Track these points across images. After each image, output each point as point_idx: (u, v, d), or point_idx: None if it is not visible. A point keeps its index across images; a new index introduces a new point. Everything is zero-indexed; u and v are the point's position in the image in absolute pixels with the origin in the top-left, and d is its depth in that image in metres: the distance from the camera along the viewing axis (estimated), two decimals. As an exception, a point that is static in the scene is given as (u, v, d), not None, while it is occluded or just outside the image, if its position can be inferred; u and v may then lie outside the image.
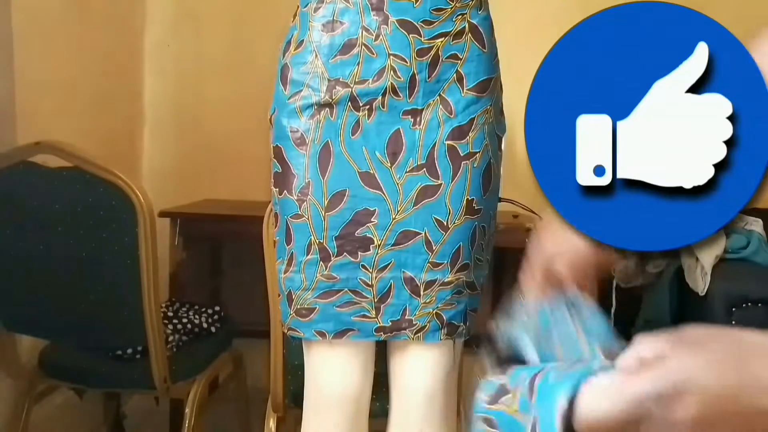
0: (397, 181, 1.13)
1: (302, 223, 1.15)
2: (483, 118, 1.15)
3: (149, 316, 1.58)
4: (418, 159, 1.13)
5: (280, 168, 1.16)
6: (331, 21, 1.13)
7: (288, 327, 1.19)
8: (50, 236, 1.56)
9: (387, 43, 1.11)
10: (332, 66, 1.13)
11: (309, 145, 1.14)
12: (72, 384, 1.83)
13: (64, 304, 1.62)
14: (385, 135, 1.13)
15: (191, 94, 2.70)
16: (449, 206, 1.13)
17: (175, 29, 2.69)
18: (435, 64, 1.13)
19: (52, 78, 2.04)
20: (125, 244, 1.53)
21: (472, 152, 1.14)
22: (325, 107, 1.13)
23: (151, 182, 2.58)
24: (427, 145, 1.13)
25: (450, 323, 1.16)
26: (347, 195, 1.13)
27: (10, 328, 1.72)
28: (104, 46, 2.37)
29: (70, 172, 1.53)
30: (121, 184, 1.51)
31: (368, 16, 1.12)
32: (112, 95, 2.46)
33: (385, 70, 1.12)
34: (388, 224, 1.13)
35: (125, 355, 1.72)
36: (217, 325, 2.00)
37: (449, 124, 1.13)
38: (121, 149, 2.54)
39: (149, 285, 1.56)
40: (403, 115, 1.13)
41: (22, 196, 1.57)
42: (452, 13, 1.13)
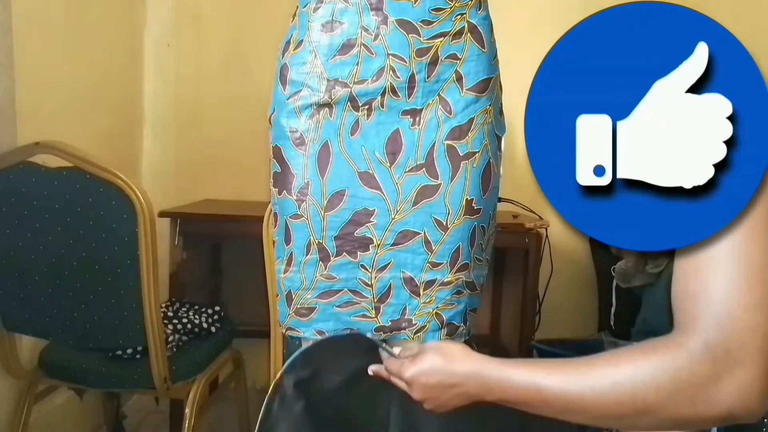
0: (396, 181, 1.13)
1: (301, 223, 1.14)
2: (482, 117, 1.15)
3: (149, 316, 1.58)
4: (418, 159, 1.13)
5: (280, 168, 1.16)
6: (330, 21, 1.13)
7: (287, 327, 1.19)
8: (50, 236, 1.56)
9: (386, 42, 1.11)
10: (331, 66, 1.13)
11: (308, 145, 1.14)
12: (72, 384, 1.83)
13: (64, 304, 1.62)
14: (384, 135, 1.13)
15: (191, 94, 2.70)
16: (449, 206, 1.13)
17: (175, 29, 2.69)
18: (434, 63, 1.12)
19: (52, 78, 2.04)
20: (125, 244, 1.53)
21: (472, 152, 1.14)
22: (324, 107, 1.13)
23: (151, 182, 2.59)
24: (426, 145, 1.13)
25: (450, 323, 1.16)
26: (346, 195, 1.13)
27: (10, 328, 1.72)
28: (104, 46, 2.37)
29: (70, 172, 1.53)
30: (121, 184, 1.50)
31: (367, 15, 1.12)
32: (112, 95, 2.46)
33: (384, 69, 1.11)
34: (388, 224, 1.13)
35: (125, 355, 1.72)
36: (217, 325, 2.00)
37: (448, 123, 1.13)
38: (120, 149, 2.54)
39: (149, 285, 1.56)
40: (403, 114, 1.13)
41: (22, 196, 1.57)
42: (451, 12, 1.13)
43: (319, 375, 0.93)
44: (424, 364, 0.89)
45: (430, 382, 0.87)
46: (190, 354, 1.83)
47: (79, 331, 1.65)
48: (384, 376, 0.94)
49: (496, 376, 0.82)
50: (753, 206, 0.58)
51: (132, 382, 1.73)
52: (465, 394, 0.86)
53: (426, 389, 0.88)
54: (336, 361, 0.94)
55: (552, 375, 0.75)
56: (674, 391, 0.63)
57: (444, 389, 0.87)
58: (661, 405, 0.64)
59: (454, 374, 0.86)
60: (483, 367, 0.85)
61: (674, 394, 0.63)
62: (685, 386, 0.62)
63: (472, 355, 0.87)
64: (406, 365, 0.91)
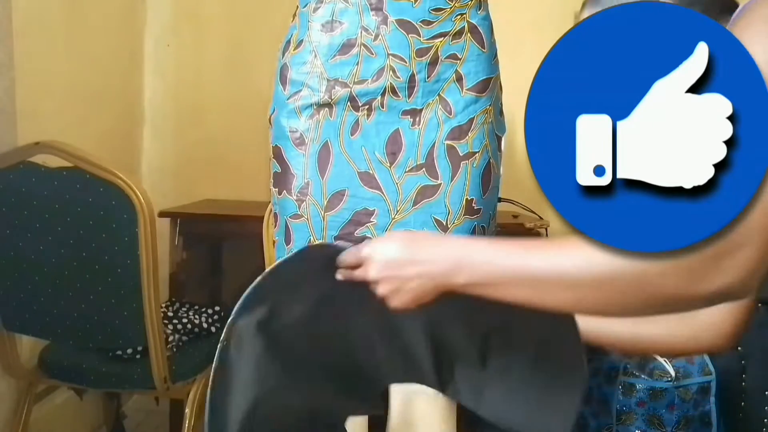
0: (396, 181, 1.13)
1: (301, 223, 1.14)
2: (482, 117, 1.15)
3: (149, 316, 1.58)
4: (418, 159, 1.13)
5: (280, 168, 1.16)
6: (330, 21, 1.13)
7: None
8: (50, 236, 1.56)
9: (386, 43, 1.11)
10: (331, 66, 1.13)
11: (308, 145, 1.14)
12: (72, 384, 1.83)
13: (64, 304, 1.62)
14: (384, 135, 1.13)
15: (191, 94, 2.70)
16: (448, 206, 1.13)
17: (175, 29, 2.69)
18: (434, 63, 1.12)
19: (52, 78, 2.04)
20: (125, 244, 1.53)
21: (472, 152, 1.14)
22: (324, 107, 1.13)
23: (151, 182, 2.58)
24: (426, 145, 1.13)
25: (450, 323, 1.16)
26: (346, 195, 1.13)
27: (10, 328, 1.72)
28: (104, 46, 2.37)
29: (70, 172, 1.53)
30: (121, 184, 1.50)
31: (367, 16, 1.12)
32: (112, 95, 2.46)
33: (384, 69, 1.11)
34: (388, 224, 1.13)
35: (125, 355, 1.72)
36: (217, 325, 2.00)
37: (448, 123, 1.13)
38: (120, 149, 2.54)
39: (149, 285, 1.56)
40: (403, 114, 1.13)
41: (22, 196, 1.57)
42: (451, 13, 1.13)
43: (277, 309, 0.83)
44: (385, 240, 0.80)
45: (388, 256, 0.77)
46: (190, 354, 1.83)
47: (79, 331, 1.65)
48: (351, 276, 0.82)
49: (468, 251, 0.71)
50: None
51: (132, 382, 1.72)
52: (428, 275, 0.74)
53: (383, 265, 0.77)
54: (294, 290, 0.84)
55: (536, 250, 0.68)
56: (674, 266, 0.62)
57: (404, 265, 0.75)
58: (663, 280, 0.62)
59: (416, 249, 0.75)
60: (451, 241, 0.77)
61: (674, 268, 0.62)
62: (684, 262, 0.61)
63: (438, 235, 0.80)
64: (363, 245, 0.81)
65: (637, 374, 1.62)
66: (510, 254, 0.70)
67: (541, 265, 0.68)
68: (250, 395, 0.82)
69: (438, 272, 0.73)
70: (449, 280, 0.73)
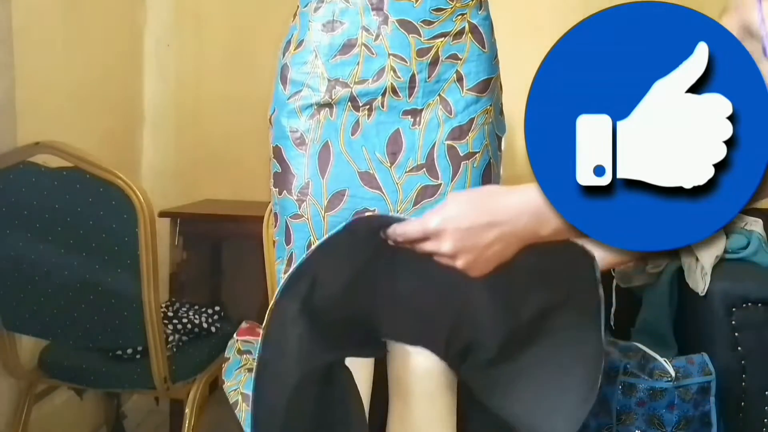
0: (396, 181, 1.13)
1: (302, 223, 1.14)
2: (483, 118, 1.15)
3: (149, 316, 1.58)
4: (418, 159, 1.13)
5: (280, 168, 1.16)
6: (331, 21, 1.13)
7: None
8: (50, 236, 1.56)
9: (387, 43, 1.11)
10: (332, 66, 1.13)
11: (309, 145, 1.14)
12: (72, 384, 1.83)
13: (64, 304, 1.62)
14: (384, 135, 1.13)
15: (191, 94, 2.70)
16: (449, 206, 1.13)
17: (175, 29, 2.69)
18: (435, 64, 1.13)
19: (52, 78, 2.04)
20: (125, 244, 1.53)
21: (472, 152, 1.14)
22: (324, 107, 1.13)
23: (151, 182, 2.58)
24: (426, 145, 1.13)
25: (450, 323, 1.16)
26: (347, 195, 1.13)
27: (10, 328, 1.72)
28: (104, 46, 2.37)
29: (70, 172, 1.53)
30: (121, 184, 1.51)
31: (368, 16, 1.12)
32: (112, 95, 2.46)
33: (385, 70, 1.12)
34: (388, 224, 1.13)
35: (125, 355, 1.72)
36: (217, 325, 2.00)
37: (449, 124, 1.13)
38: (120, 149, 2.54)
39: (149, 285, 1.56)
40: (403, 114, 1.13)
41: (22, 196, 1.57)
42: (452, 13, 1.13)
43: (319, 281, 0.83)
44: (451, 207, 0.73)
45: (463, 225, 0.70)
46: (190, 354, 1.83)
47: (79, 331, 1.65)
48: (421, 250, 0.76)
49: (544, 199, 0.64)
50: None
51: (132, 382, 1.72)
52: (510, 235, 0.68)
53: (459, 236, 0.70)
54: (336, 262, 0.84)
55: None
56: None
57: (482, 231, 0.69)
58: None
59: (490, 210, 0.69)
60: (518, 192, 0.69)
61: None
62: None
63: (497, 186, 0.72)
64: (429, 216, 0.74)
65: (637, 374, 1.62)
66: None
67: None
68: (296, 372, 0.85)
69: (521, 229, 0.68)
70: (535, 233, 0.68)
